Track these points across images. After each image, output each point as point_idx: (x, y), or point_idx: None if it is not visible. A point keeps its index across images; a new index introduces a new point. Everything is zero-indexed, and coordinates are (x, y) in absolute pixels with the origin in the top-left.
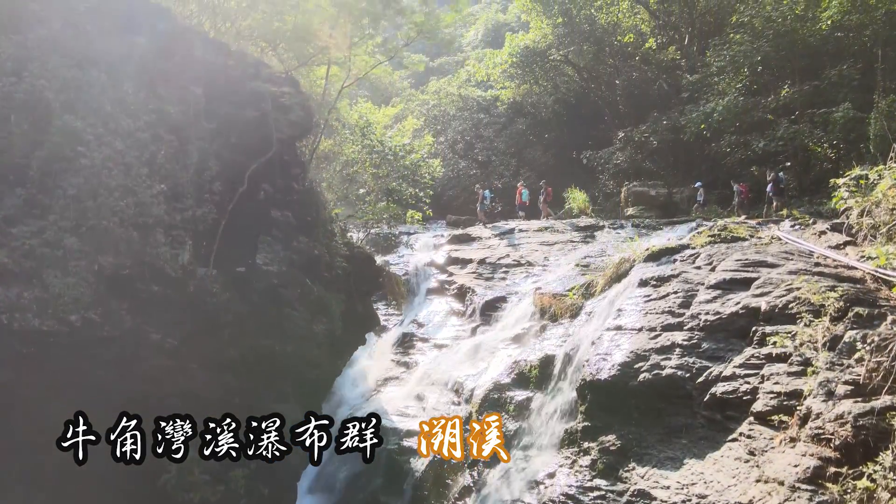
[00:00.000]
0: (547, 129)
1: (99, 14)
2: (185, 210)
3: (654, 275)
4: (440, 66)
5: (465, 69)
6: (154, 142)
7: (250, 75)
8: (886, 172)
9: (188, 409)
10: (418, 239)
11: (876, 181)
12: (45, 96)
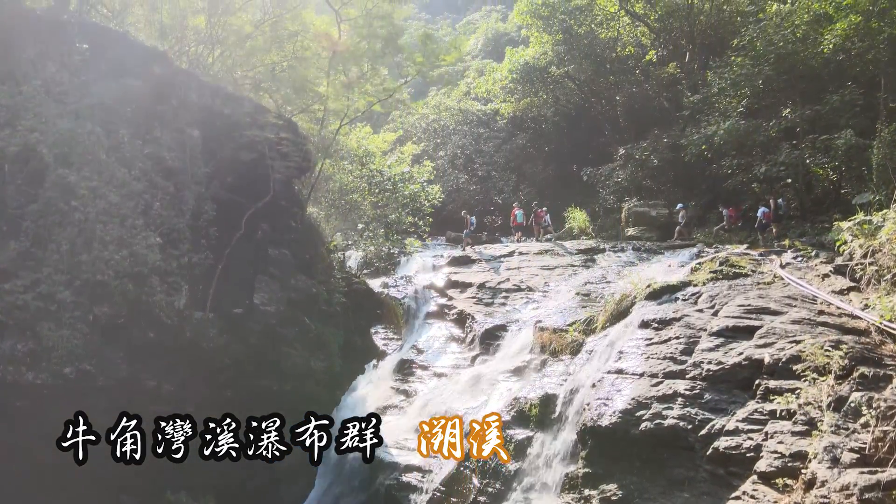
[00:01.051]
0: (547, 142)
1: (94, 58)
2: (181, 256)
3: (656, 316)
4: (440, 76)
5: (465, 81)
6: (149, 190)
7: (247, 118)
8: (892, 215)
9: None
10: (418, 259)
11: (880, 223)
12: (39, 151)
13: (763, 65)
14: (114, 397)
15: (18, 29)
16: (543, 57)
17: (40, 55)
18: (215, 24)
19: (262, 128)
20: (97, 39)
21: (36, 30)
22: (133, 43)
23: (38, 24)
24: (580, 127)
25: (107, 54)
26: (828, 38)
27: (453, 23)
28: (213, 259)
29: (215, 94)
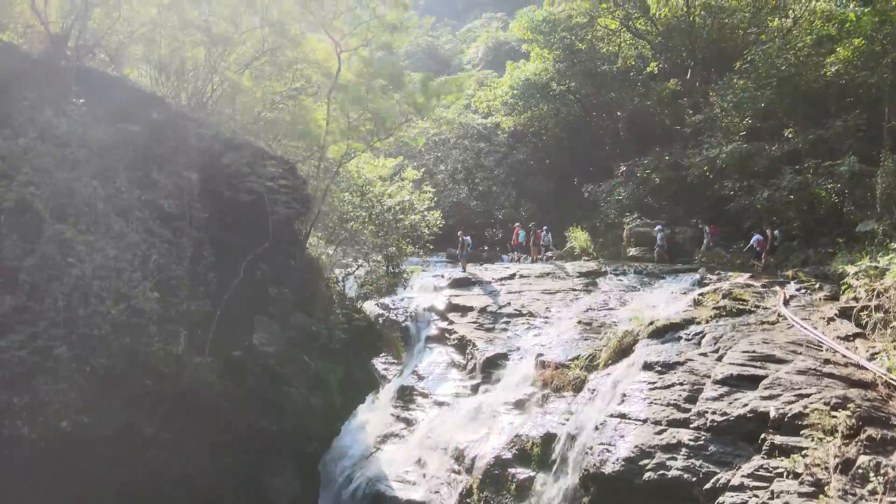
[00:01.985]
0: (548, 155)
1: (92, 104)
2: (180, 304)
3: (659, 359)
4: (440, 86)
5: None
6: (147, 239)
7: (246, 167)
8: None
9: (183, 493)
10: (418, 279)
11: (886, 266)
12: (35, 206)
13: (765, 88)
14: (111, 446)
15: (15, 74)
16: (544, 73)
17: (38, 100)
18: (216, 56)
19: (261, 175)
20: (95, 85)
21: (33, 75)
22: (131, 88)
23: (35, 69)
24: (581, 140)
25: (105, 99)
26: (831, 60)
27: (454, 29)
28: (212, 305)
29: (214, 139)
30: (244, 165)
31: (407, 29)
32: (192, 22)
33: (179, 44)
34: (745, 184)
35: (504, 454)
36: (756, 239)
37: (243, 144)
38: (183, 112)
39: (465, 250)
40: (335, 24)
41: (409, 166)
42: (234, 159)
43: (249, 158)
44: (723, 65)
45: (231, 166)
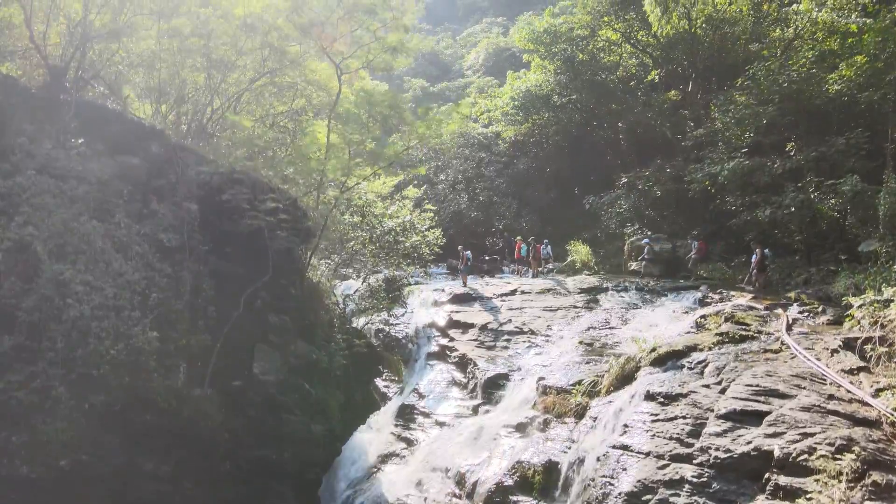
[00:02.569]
0: (549, 163)
1: (91, 137)
2: (179, 339)
3: (662, 389)
4: (441, 92)
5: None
6: (147, 275)
7: (245, 202)
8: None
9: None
10: (419, 293)
11: (891, 297)
12: (34, 247)
13: (767, 104)
14: (110, 483)
15: (14, 107)
16: (545, 84)
17: (37, 133)
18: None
19: (261, 210)
20: (94, 118)
21: (32, 108)
22: (130, 121)
23: (33, 102)
24: (582, 149)
25: (104, 133)
26: (833, 77)
27: (454, 34)
28: (212, 338)
29: (214, 172)
30: (244, 202)
31: (407, 51)
32: (192, 46)
33: (178, 68)
34: (747, 199)
35: (505, 481)
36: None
37: (243, 178)
38: (182, 144)
39: (466, 264)
40: (336, 47)
41: (410, 184)
42: (234, 194)
43: (249, 194)
44: (724, 74)
45: (231, 201)
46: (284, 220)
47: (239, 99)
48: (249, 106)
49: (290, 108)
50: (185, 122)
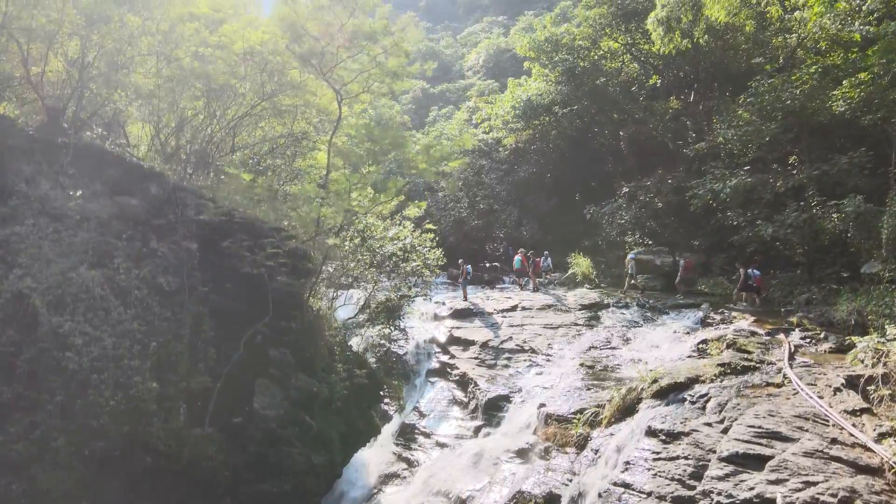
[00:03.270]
0: (550, 168)
1: (89, 178)
2: (179, 381)
3: (663, 426)
4: (441, 94)
5: (466, 105)
6: (146, 323)
7: (246, 250)
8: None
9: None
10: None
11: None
12: (32, 302)
13: (770, 122)
14: None
15: (11, 149)
16: (546, 94)
17: (34, 173)
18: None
19: (261, 254)
20: (92, 159)
21: (30, 149)
22: (129, 163)
23: (31, 143)
24: (583, 155)
25: (102, 174)
26: (837, 94)
27: (455, 32)
28: (212, 379)
29: (214, 211)
30: (244, 248)
31: (408, 75)
32: (191, 75)
33: (177, 96)
34: (750, 214)
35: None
36: (755, 274)
37: (243, 223)
38: (182, 185)
39: (466, 278)
40: (337, 72)
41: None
42: (235, 241)
43: (249, 241)
44: (726, 82)
45: (230, 248)
46: (284, 264)
47: (240, 122)
48: (249, 129)
49: (290, 129)
50: (185, 150)
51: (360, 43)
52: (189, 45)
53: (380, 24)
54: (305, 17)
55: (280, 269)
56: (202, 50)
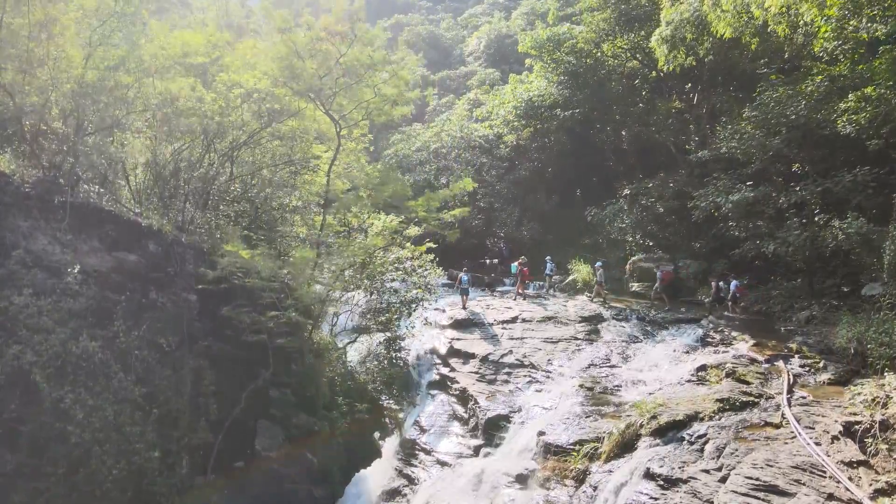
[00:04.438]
0: (550, 164)
1: (87, 234)
2: (182, 438)
3: (662, 471)
4: (442, 81)
5: (466, 97)
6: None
7: (246, 310)
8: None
9: None
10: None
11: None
12: (32, 378)
13: (774, 136)
14: None
15: (7, 204)
16: (548, 96)
17: (32, 229)
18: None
19: (263, 290)
20: (89, 217)
21: (26, 207)
22: (126, 221)
23: (27, 201)
24: (585, 151)
25: (99, 231)
26: (843, 107)
27: (455, 14)
28: (214, 433)
29: (212, 265)
30: (244, 315)
31: (407, 102)
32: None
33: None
34: (752, 226)
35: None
36: (735, 285)
37: (242, 290)
38: (180, 240)
39: (460, 285)
40: (337, 100)
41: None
42: (234, 308)
43: (249, 306)
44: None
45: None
46: (285, 324)
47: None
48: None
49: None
50: (183, 190)
51: (359, 72)
52: (185, 101)
53: (379, 55)
54: (303, 54)
55: (280, 329)
56: (198, 105)
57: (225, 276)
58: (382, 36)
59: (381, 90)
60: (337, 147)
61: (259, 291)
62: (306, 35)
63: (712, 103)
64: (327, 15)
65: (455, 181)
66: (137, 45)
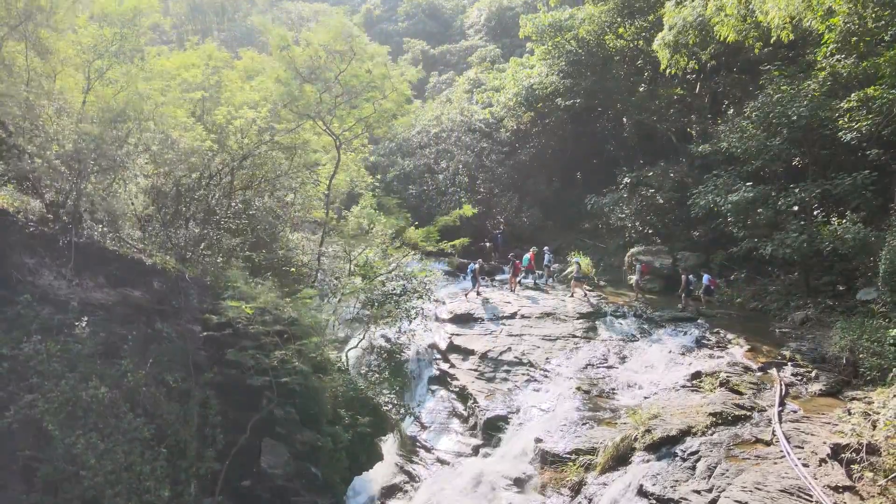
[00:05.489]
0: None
1: (92, 272)
2: (190, 467)
3: (654, 490)
4: (441, 55)
5: (465, 76)
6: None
7: (250, 347)
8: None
9: None
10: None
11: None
12: (46, 425)
13: (775, 137)
14: None
15: (12, 243)
16: (549, 85)
17: (37, 265)
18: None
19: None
20: (93, 256)
21: (31, 244)
22: (130, 260)
23: (32, 239)
24: (585, 133)
25: (104, 270)
26: (845, 106)
27: None
28: (220, 465)
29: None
30: (249, 357)
31: (407, 114)
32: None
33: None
34: (750, 222)
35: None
36: (707, 279)
37: (247, 333)
38: (184, 276)
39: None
40: (338, 112)
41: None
42: (239, 351)
43: (253, 348)
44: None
45: (236, 357)
46: (289, 361)
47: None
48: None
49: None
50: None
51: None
52: (187, 142)
53: (378, 71)
54: (302, 70)
55: (285, 366)
56: (198, 145)
57: (229, 322)
58: (382, 51)
59: (381, 105)
60: (337, 161)
61: (264, 338)
62: (304, 51)
63: (714, 90)
64: (325, 31)
65: (455, 166)
66: (135, 79)
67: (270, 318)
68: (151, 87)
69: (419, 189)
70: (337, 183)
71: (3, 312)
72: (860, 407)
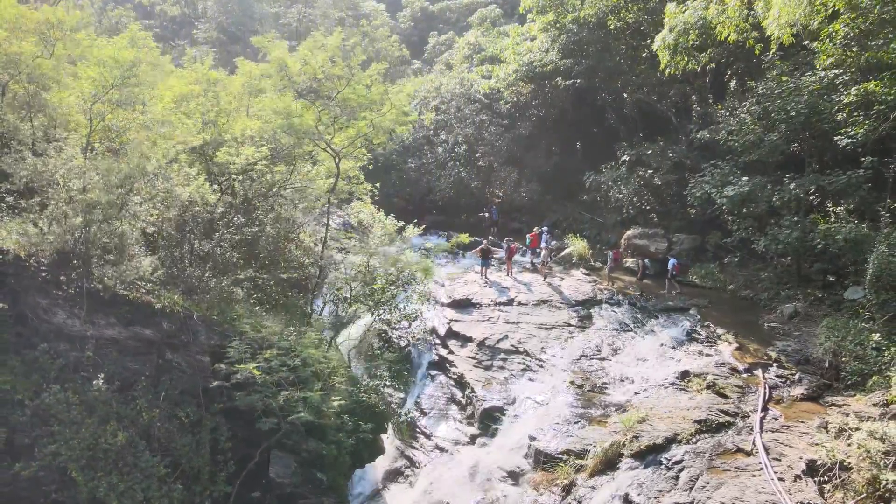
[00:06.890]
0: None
1: (103, 313)
2: (203, 491)
3: (638, 500)
4: (441, 13)
5: (466, 40)
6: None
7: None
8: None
9: None
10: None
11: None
12: (70, 473)
13: (773, 132)
14: None
15: (26, 286)
16: (549, 63)
17: (50, 305)
18: None
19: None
20: (102, 303)
21: (41, 285)
22: (139, 304)
23: (44, 284)
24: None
25: (115, 311)
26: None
27: None
28: (230, 483)
29: (223, 336)
30: (258, 402)
31: (405, 123)
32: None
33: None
34: (745, 210)
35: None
36: (672, 263)
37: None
38: (191, 314)
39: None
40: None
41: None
42: (246, 396)
43: (261, 396)
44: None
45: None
46: (294, 408)
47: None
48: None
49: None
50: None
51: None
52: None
53: (376, 90)
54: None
55: (292, 405)
56: (201, 196)
57: (236, 370)
58: (380, 67)
59: (380, 122)
60: (336, 176)
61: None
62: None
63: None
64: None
65: (454, 138)
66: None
67: (277, 364)
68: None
69: (419, 162)
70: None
71: (21, 354)
72: (837, 420)
